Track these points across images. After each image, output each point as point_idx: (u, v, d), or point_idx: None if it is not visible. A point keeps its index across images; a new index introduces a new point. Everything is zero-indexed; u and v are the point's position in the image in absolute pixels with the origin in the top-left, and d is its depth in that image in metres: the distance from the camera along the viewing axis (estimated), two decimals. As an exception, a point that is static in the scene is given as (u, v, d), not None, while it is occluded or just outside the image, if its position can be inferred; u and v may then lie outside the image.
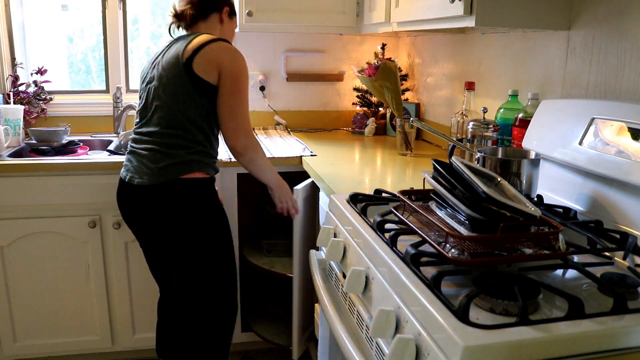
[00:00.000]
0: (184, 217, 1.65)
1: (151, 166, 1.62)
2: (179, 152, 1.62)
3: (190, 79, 1.59)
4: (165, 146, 1.62)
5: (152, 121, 1.65)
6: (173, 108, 1.61)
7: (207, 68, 1.59)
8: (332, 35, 2.76)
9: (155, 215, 1.65)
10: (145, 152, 1.64)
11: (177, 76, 1.60)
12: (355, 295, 1.15)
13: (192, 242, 1.67)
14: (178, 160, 1.61)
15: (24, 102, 2.43)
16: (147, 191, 1.63)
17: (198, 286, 1.71)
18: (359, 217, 1.26)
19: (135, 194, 1.66)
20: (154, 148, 1.63)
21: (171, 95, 1.61)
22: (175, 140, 1.62)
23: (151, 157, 1.63)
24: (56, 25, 2.67)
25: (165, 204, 1.63)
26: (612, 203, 1.24)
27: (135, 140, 1.70)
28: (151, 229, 1.70)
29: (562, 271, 1.04)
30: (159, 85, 1.64)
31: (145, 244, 1.79)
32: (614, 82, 1.37)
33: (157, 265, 1.80)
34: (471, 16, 1.42)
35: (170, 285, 1.76)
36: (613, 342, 0.79)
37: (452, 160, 1.16)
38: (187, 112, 1.61)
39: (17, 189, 1.98)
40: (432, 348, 0.80)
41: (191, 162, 1.63)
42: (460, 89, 2.20)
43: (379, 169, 2.00)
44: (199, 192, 1.66)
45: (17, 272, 2.06)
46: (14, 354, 2.14)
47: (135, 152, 1.68)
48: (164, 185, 1.61)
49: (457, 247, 0.98)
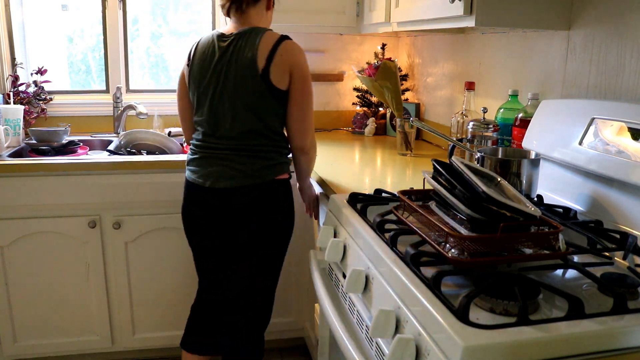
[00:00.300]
0: (274, 217, 1.68)
1: (243, 168, 1.61)
2: (270, 155, 1.64)
3: (268, 89, 1.58)
4: (254, 150, 1.62)
5: (228, 129, 1.62)
6: (253, 115, 1.60)
7: (282, 77, 1.58)
8: (332, 35, 2.76)
9: (245, 215, 1.64)
10: (230, 156, 1.62)
11: (254, 86, 1.58)
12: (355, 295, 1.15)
13: (274, 242, 1.72)
14: (273, 162, 1.64)
15: (24, 102, 2.43)
16: (237, 192, 1.62)
17: (267, 287, 1.77)
18: (359, 217, 1.26)
19: (220, 196, 1.63)
20: (241, 153, 1.62)
21: (250, 102, 1.59)
22: (263, 143, 1.63)
23: (240, 161, 1.62)
24: (56, 25, 2.67)
25: (259, 203, 1.64)
26: (612, 203, 1.24)
27: (209, 147, 1.66)
28: (233, 231, 1.67)
29: (562, 271, 1.04)
30: (233, 91, 1.60)
31: (209, 247, 1.75)
32: (614, 82, 1.37)
33: (218, 268, 1.77)
34: (471, 16, 1.42)
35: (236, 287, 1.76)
36: (613, 342, 0.79)
37: (452, 160, 1.16)
38: (267, 118, 1.62)
39: (17, 189, 1.98)
40: (432, 348, 0.80)
41: (282, 164, 1.67)
42: (460, 89, 2.20)
43: (379, 169, 2.00)
44: (286, 192, 1.70)
45: (17, 272, 2.06)
46: (14, 354, 2.14)
47: (212, 157, 1.65)
48: (256, 187, 1.62)
49: (457, 247, 0.98)
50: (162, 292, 2.17)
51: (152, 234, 2.10)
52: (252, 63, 1.55)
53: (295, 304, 2.29)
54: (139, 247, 2.11)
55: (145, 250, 2.11)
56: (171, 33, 2.81)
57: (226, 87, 1.60)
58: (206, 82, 1.63)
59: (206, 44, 1.66)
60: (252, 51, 1.56)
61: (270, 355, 2.37)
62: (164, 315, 2.19)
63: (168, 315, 2.18)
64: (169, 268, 2.14)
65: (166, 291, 2.17)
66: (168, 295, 2.17)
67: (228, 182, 1.61)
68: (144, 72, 2.79)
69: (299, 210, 2.17)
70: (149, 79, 2.81)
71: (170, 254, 2.13)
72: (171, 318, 2.17)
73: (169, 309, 2.17)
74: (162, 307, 2.19)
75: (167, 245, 2.12)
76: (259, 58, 1.55)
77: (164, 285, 2.17)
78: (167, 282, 2.16)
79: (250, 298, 1.75)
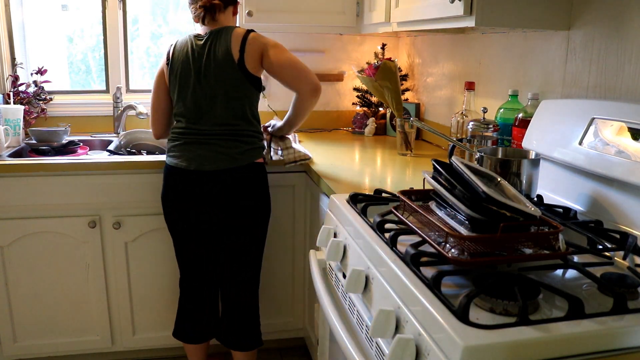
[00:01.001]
0: (256, 197, 1.83)
1: (228, 152, 1.75)
2: (251, 139, 1.80)
3: (245, 76, 1.75)
4: (237, 135, 1.77)
5: (211, 115, 1.77)
6: (233, 101, 1.76)
7: (255, 64, 1.76)
8: (332, 35, 2.76)
9: (229, 197, 1.78)
10: (214, 141, 1.76)
11: (232, 76, 1.74)
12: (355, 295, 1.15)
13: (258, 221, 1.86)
14: (255, 146, 1.80)
15: (24, 102, 2.43)
16: (222, 175, 1.75)
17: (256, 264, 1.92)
18: (359, 217, 1.26)
19: (205, 179, 1.75)
20: (225, 137, 1.76)
21: (230, 90, 1.75)
22: (243, 129, 1.78)
23: (225, 145, 1.76)
24: (56, 25, 2.67)
25: (243, 186, 1.78)
26: (612, 203, 1.24)
27: (192, 133, 1.79)
28: (217, 213, 1.80)
29: (562, 271, 1.04)
30: (214, 82, 1.75)
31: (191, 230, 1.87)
32: (613, 82, 1.37)
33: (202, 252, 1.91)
34: (471, 16, 1.42)
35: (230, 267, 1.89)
36: (613, 342, 0.79)
37: (452, 160, 1.16)
38: (246, 103, 1.78)
39: (17, 189, 1.98)
40: (432, 348, 0.80)
41: (261, 148, 1.84)
42: (460, 89, 2.20)
43: (379, 169, 2.00)
44: (264, 176, 1.86)
45: (17, 272, 2.06)
46: (14, 354, 2.14)
47: (196, 143, 1.77)
48: (241, 169, 1.77)
49: (457, 247, 0.98)
50: (162, 292, 2.17)
51: (152, 234, 2.10)
52: (228, 55, 1.74)
53: (295, 304, 2.29)
54: (139, 247, 2.11)
55: (145, 250, 2.11)
56: (171, 33, 2.81)
57: (207, 78, 1.75)
58: (187, 76, 1.78)
59: (184, 44, 1.83)
60: (227, 45, 1.74)
61: (270, 355, 2.37)
62: (164, 315, 2.19)
63: (168, 315, 2.17)
64: (169, 268, 2.14)
65: (166, 291, 2.17)
66: (168, 295, 2.17)
67: (214, 165, 1.74)
68: (144, 72, 2.79)
69: (299, 210, 2.18)
70: (149, 79, 2.81)
71: (170, 254, 2.12)
72: (171, 318, 2.17)
73: (169, 309, 2.17)
74: (162, 307, 2.19)
75: (167, 245, 2.11)
76: (233, 50, 1.74)
77: (164, 285, 2.17)
78: (167, 282, 2.16)
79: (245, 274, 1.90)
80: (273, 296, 2.26)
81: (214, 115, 1.76)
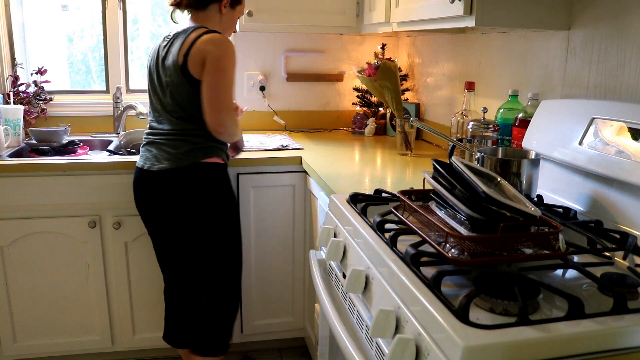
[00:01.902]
0: (202, 198, 1.76)
1: (172, 152, 1.73)
2: (198, 140, 1.74)
3: (189, 82, 1.69)
4: (184, 135, 1.74)
5: (167, 115, 1.76)
6: (184, 104, 1.73)
7: (197, 68, 1.68)
8: (332, 35, 2.76)
9: (175, 198, 1.75)
10: (164, 141, 1.76)
11: (179, 81, 1.70)
12: (355, 295, 1.15)
13: (207, 222, 1.79)
14: (198, 145, 1.74)
15: (24, 102, 2.43)
16: (168, 175, 1.73)
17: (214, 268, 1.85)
18: (359, 217, 1.26)
19: (155, 179, 1.75)
20: (173, 137, 1.75)
21: (179, 94, 1.72)
22: (193, 130, 1.74)
23: (171, 145, 1.74)
24: (56, 25, 2.67)
25: (185, 187, 1.74)
26: (612, 203, 1.24)
27: (153, 133, 1.81)
28: (169, 214, 1.78)
29: (562, 271, 1.04)
30: (168, 83, 1.73)
31: (159, 230, 1.87)
32: (614, 82, 1.37)
33: (170, 253, 1.89)
34: (471, 16, 1.42)
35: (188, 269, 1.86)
36: (613, 342, 0.79)
37: (452, 160, 1.16)
38: (195, 108, 1.72)
39: (17, 189, 1.98)
40: (432, 348, 0.80)
41: (210, 148, 1.76)
42: (460, 89, 2.20)
43: (379, 169, 2.00)
44: (216, 176, 1.79)
45: (17, 272, 2.06)
46: (14, 354, 2.14)
47: (154, 142, 1.79)
48: (185, 169, 1.73)
49: (457, 247, 0.98)
50: (162, 292, 2.17)
51: (152, 234, 2.10)
52: (175, 59, 1.69)
53: (295, 304, 2.29)
54: (139, 247, 2.11)
55: (145, 250, 2.11)
56: (171, 33, 2.81)
57: (160, 81, 1.76)
58: (151, 78, 1.81)
59: (155, 46, 1.84)
60: (177, 48, 1.70)
61: (270, 355, 2.37)
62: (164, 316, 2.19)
63: (168, 315, 2.17)
64: (169, 268, 2.14)
65: (166, 291, 2.17)
66: (168, 295, 2.17)
67: (160, 165, 1.74)
68: (144, 72, 2.79)
69: (299, 210, 2.18)
70: (149, 79, 2.81)
71: (170, 254, 2.13)
72: (171, 318, 2.17)
73: (169, 309, 2.17)
74: (162, 307, 2.18)
75: (167, 245, 2.11)
76: (179, 54, 1.68)
77: (164, 285, 2.16)
78: (167, 282, 2.16)
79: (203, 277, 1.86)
80: (273, 296, 2.26)
81: (168, 117, 1.77)
